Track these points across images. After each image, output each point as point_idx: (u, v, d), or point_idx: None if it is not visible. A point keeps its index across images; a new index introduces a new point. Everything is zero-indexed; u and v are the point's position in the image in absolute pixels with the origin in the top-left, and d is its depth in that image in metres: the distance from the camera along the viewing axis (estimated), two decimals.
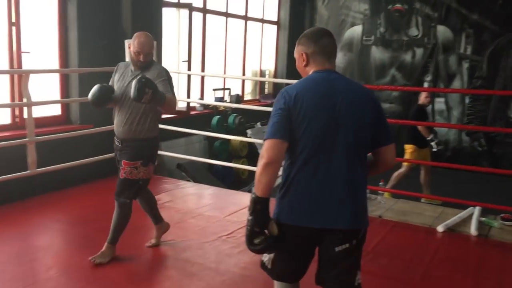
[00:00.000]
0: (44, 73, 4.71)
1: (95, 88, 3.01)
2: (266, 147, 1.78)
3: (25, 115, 4.07)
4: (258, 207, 1.78)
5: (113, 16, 5.13)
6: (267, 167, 1.75)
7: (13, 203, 4.04)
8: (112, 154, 4.95)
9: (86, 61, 4.82)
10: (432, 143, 5.78)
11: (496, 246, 3.64)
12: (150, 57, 2.97)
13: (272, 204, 1.82)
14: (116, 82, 3.04)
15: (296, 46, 1.95)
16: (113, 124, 5.03)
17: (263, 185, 1.76)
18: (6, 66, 4.33)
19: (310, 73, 1.90)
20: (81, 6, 4.76)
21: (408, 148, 5.86)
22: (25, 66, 4.40)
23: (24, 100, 3.99)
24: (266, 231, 1.79)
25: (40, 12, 4.67)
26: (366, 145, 1.86)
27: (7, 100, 4.42)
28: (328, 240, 1.83)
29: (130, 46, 2.93)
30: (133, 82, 2.71)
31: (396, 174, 5.76)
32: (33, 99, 4.02)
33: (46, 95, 4.77)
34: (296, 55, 1.95)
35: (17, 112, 4.48)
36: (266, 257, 1.97)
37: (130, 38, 4.92)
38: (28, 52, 4.47)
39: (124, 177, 3.00)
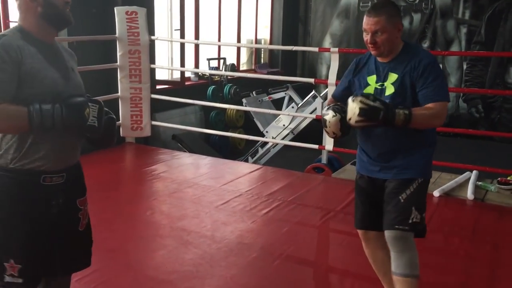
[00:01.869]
0: None
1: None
2: (444, 109, 1.94)
3: None
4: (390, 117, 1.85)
5: None
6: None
7: None
8: None
9: (75, 30, 4.70)
10: None
11: (493, 209, 3.65)
12: None
13: None
14: None
15: (394, 17, 1.98)
16: (105, 95, 4.92)
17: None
18: None
19: (401, 44, 2.02)
20: None
21: None
22: None
23: None
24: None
25: None
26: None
27: None
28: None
29: None
30: None
31: None
32: None
33: None
34: (392, 26, 1.96)
35: None
36: None
37: (120, 5, 4.87)
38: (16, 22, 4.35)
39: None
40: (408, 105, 1.93)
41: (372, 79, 2.04)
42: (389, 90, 1.98)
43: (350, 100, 1.90)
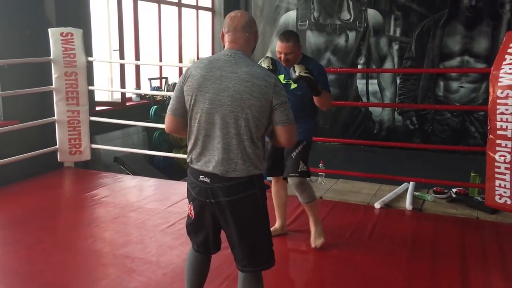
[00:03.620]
0: None
1: None
2: (330, 96, 3.07)
3: None
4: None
5: (35, 3, 4.81)
6: None
7: None
8: (43, 150, 4.76)
9: (7, 53, 4.50)
10: None
11: (430, 218, 3.82)
12: None
13: None
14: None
15: (298, 42, 3.01)
16: (40, 119, 4.77)
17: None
18: None
19: (301, 56, 3.11)
20: None
21: None
22: None
23: None
24: None
25: None
26: None
27: None
28: None
29: None
30: None
31: None
32: None
33: None
34: (297, 48, 3.00)
35: None
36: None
37: (55, 27, 4.72)
38: None
39: None
40: (306, 93, 2.94)
41: (281, 77, 3.03)
42: (293, 85, 2.98)
43: (296, 65, 2.88)
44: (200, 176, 1.97)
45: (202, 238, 2.14)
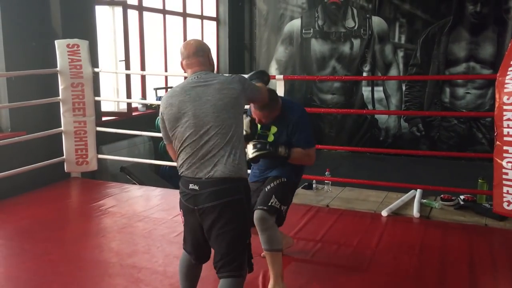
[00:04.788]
0: None
1: None
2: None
3: None
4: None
5: (41, 15, 4.86)
6: None
7: None
8: (50, 161, 4.78)
9: (14, 65, 4.55)
10: None
11: (438, 226, 3.79)
12: None
13: None
14: None
15: (277, 100, 2.68)
16: (47, 130, 4.82)
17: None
18: None
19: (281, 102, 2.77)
20: (4, 6, 4.48)
21: None
22: None
23: None
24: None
25: None
26: None
27: None
28: None
29: None
30: None
31: None
32: None
33: None
34: (277, 109, 2.68)
35: None
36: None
37: (61, 38, 4.77)
38: None
39: None
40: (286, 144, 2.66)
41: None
42: (269, 138, 2.73)
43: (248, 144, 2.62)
44: (190, 185, 2.10)
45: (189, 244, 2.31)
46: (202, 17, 8.25)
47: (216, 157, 2.07)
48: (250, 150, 2.61)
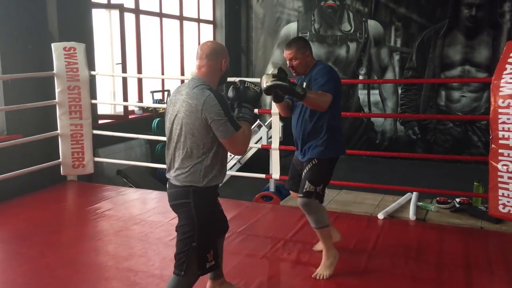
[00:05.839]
0: None
1: None
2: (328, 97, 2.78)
3: None
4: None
5: (38, 19, 4.86)
6: None
7: None
8: (46, 164, 4.76)
9: (10, 67, 4.54)
10: None
11: (433, 228, 3.80)
12: None
13: None
14: None
15: (306, 49, 2.90)
16: (43, 133, 4.81)
17: None
18: None
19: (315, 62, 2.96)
20: (0, 9, 4.48)
21: None
22: None
23: None
24: None
25: None
26: None
27: None
28: None
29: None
30: None
31: None
32: None
33: None
34: (304, 55, 2.89)
35: None
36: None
37: (57, 41, 4.77)
38: None
39: None
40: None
41: None
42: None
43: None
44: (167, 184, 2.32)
45: None
46: (198, 20, 8.26)
47: (176, 162, 2.23)
48: (269, 79, 2.58)
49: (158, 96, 7.13)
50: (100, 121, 5.77)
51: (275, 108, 4.47)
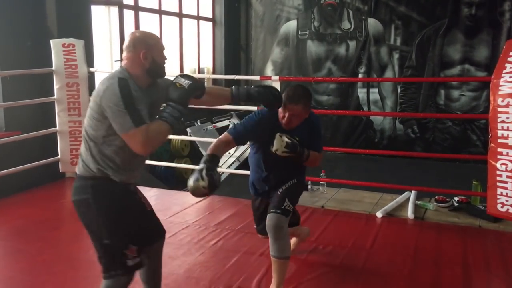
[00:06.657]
0: None
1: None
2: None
3: None
4: None
5: (36, 15, 4.84)
6: None
7: None
8: (44, 161, 4.76)
9: (9, 64, 4.53)
10: None
11: (432, 227, 3.80)
12: None
13: None
14: None
15: (309, 104, 2.55)
16: (42, 130, 4.78)
17: None
18: None
19: None
20: None
21: None
22: None
23: None
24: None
25: None
26: None
27: None
28: None
29: None
30: None
31: None
32: None
33: None
34: (306, 113, 2.58)
35: None
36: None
37: (56, 38, 4.75)
38: None
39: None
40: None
41: None
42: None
43: (277, 135, 2.47)
44: None
45: None
46: (198, 18, 8.25)
47: (80, 152, 2.11)
48: (281, 145, 2.45)
49: None
50: None
51: None
